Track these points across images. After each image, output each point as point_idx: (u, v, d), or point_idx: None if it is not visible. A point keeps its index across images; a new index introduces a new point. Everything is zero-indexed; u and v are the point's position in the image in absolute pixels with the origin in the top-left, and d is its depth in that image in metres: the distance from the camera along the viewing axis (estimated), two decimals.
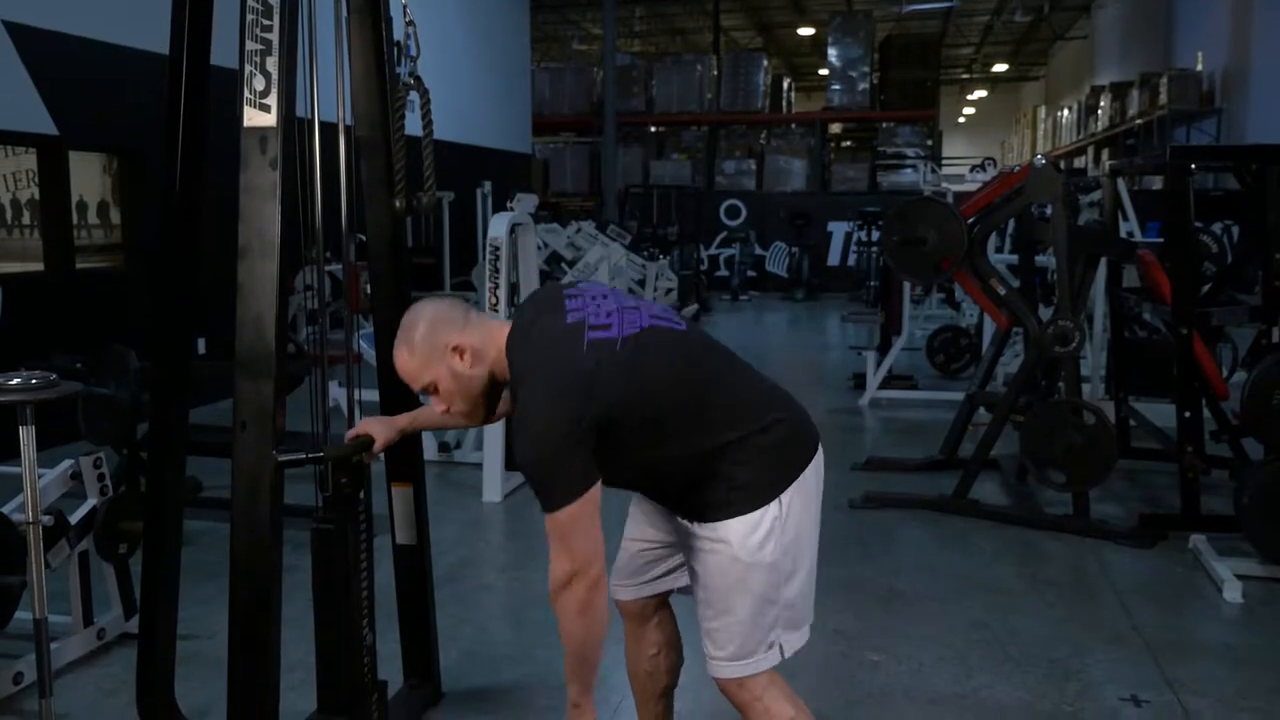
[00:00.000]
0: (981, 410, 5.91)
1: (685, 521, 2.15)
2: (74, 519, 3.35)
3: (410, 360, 2.15)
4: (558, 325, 2.06)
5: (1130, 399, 5.72)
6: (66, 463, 3.45)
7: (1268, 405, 4.13)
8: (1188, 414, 4.60)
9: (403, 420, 2.53)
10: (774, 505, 2.07)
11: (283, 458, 2.32)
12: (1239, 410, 4.45)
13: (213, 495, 4.78)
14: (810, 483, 2.15)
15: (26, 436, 2.17)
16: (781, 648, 2.15)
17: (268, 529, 2.32)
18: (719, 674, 2.15)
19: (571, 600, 2.01)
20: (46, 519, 3.17)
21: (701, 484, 2.08)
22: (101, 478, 3.46)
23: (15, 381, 2.14)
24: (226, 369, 2.36)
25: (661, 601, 2.44)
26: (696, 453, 2.07)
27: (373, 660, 2.61)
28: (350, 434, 2.49)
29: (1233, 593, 3.95)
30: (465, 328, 2.13)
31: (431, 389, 2.17)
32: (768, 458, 2.08)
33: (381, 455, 2.55)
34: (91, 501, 3.42)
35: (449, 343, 2.12)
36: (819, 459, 2.18)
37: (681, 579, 2.35)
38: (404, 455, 2.92)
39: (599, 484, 1.98)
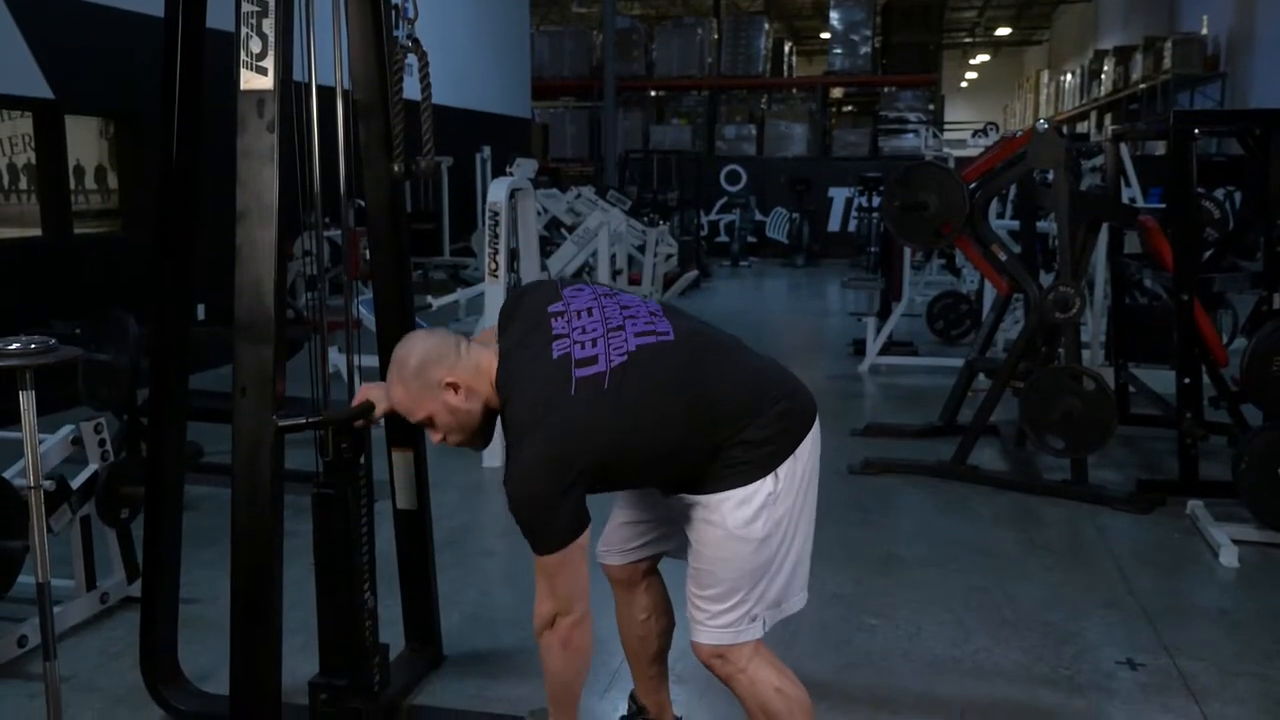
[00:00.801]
0: (981, 376, 5.91)
1: (679, 494, 2.16)
2: (75, 484, 3.36)
3: (405, 396, 2.16)
4: (544, 364, 2.04)
5: (1130, 365, 5.72)
6: (67, 428, 3.46)
7: (1267, 372, 4.14)
8: (1187, 380, 4.61)
9: None
10: (769, 480, 2.07)
11: (283, 422, 2.33)
12: (1238, 377, 4.46)
13: (214, 460, 4.79)
14: (806, 456, 2.14)
15: (27, 401, 2.17)
16: (765, 621, 2.16)
17: (268, 494, 2.32)
18: (701, 639, 2.16)
19: (554, 638, 2.07)
20: (48, 484, 3.19)
21: (697, 468, 2.09)
22: (102, 443, 3.47)
23: (15, 346, 2.13)
24: (226, 334, 2.36)
25: (650, 567, 2.46)
26: (694, 459, 2.08)
27: (374, 624, 2.63)
28: (354, 402, 2.48)
29: (1229, 558, 3.97)
30: (458, 363, 2.12)
31: (428, 422, 2.18)
32: (764, 437, 2.07)
33: (382, 421, 2.55)
34: (93, 466, 3.43)
35: (442, 379, 2.11)
36: (815, 431, 2.18)
37: (667, 544, 2.37)
38: (405, 421, 2.91)
39: (588, 529, 2.01)
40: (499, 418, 2.14)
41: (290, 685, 2.56)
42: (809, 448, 2.15)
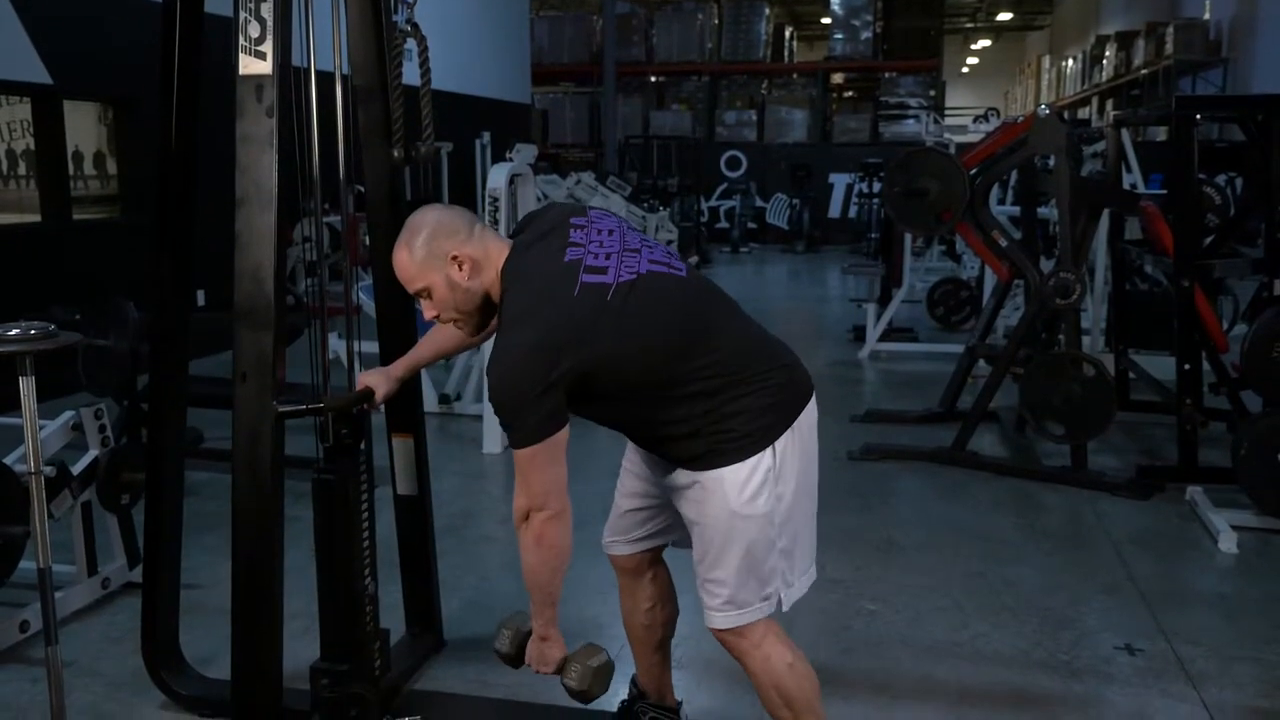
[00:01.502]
0: (981, 362, 5.92)
1: (678, 469, 2.14)
2: (76, 470, 3.37)
3: (409, 262, 2.12)
4: (554, 263, 2.03)
5: (1130, 351, 5.72)
6: (68, 414, 3.46)
7: (1267, 358, 4.13)
8: (1187, 366, 4.61)
9: (399, 369, 2.53)
10: (767, 454, 2.07)
11: (283, 409, 2.33)
12: (1238, 363, 4.46)
13: (214, 446, 4.80)
14: (805, 430, 2.14)
15: (27, 387, 2.16)
16: (781, 599, 2.15)
17: (269, 479, 2.33)
18: (715, 624, 2.16)
19: (528, 534, 2.06)
20: (49, 470, 3.19)
21: (693, 435, 2.07)
22: (103, 429, 3.47)
23: (14, 332, 2.13)
24: (226, 320, 2.36)
25: (655, 556, 2.45)
26: (688, 407, 2.06)
27: (375, 609, 2.63)
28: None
29: (1228, 543, 3.98)
30: (469, 240, 2.10)
31: (424, 294, 2.15)
32: (761, 407, 2.07)
33: (382, 407, 2.56)
34: (93, 452, 3.44)
35: (450, 251, 2.08)
36: (812, 407, 2.17)
37: (674, 534, 2.36)
38: (404, 406, 2.92)
39: (566, 428, 1.99)
40: (498, 310, 2.12)
41: (291, 670, 2.56)
42: (806, 422, 2.15)
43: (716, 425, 2.06)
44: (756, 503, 2.06)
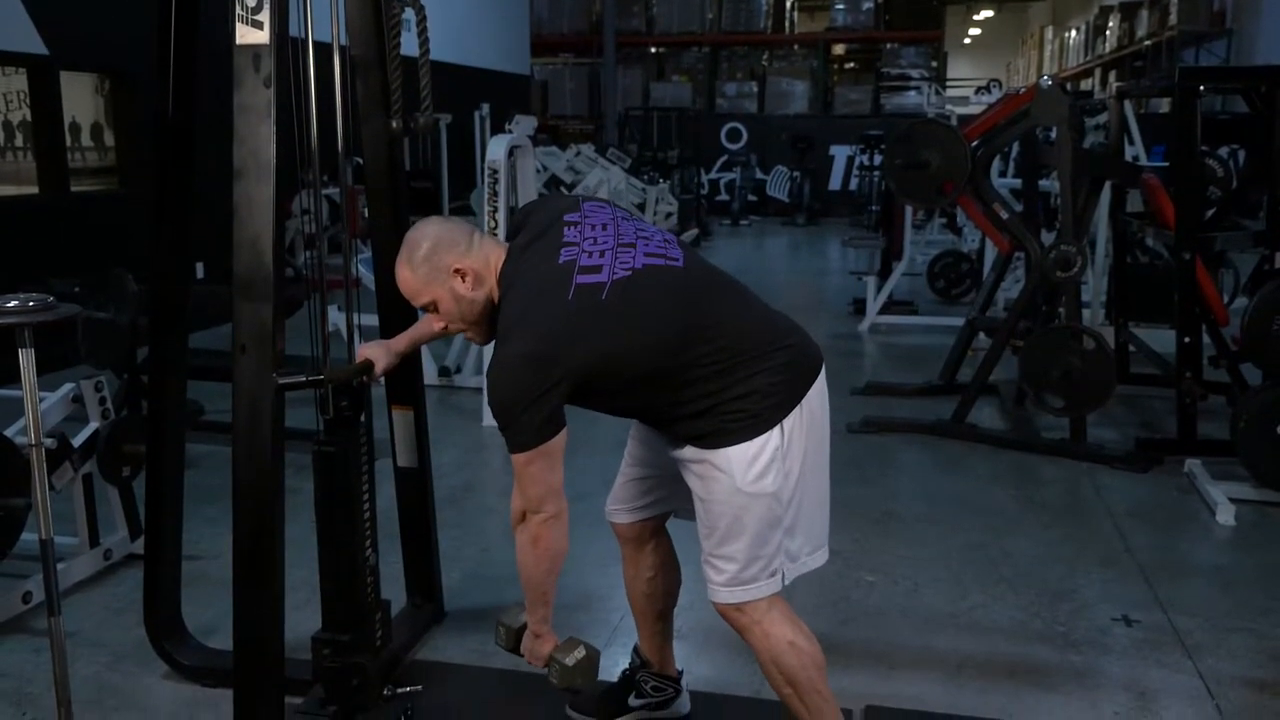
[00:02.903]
0: (981, 335, 5.91)
1: (686, 447, 2.14)
2: (77, 442, 3.37)
3: (412, 279, 2.13)
4: (548, 266, 2.03)
5: (1130, 325, 5.71)
6: (68, 386, 3.46)
7: (1267, 331, 4.13)
8: (1187, 340, 4.60)
9: (401, 343, 2.52)
10: (775, 433, 2.06)
11: (283, 381, 2.32)
12: (1239, 336, 4.45)
13: (214, 419, 4.80)
14: (814, 407, 2.13)
15: (26, 359, 2.16)
16: (784, 574, 2.16)
17: (269, 451, 2.33)
18: (719, 599, 2.17)
19: (524, 535, 2.09)
20: (49, 442, 3.19)
21: (700, 414, 2.07)
22: (103, 401, 3.48)
23: (14, 304, 2.12)
24: (225, 292, 2.35)
25: (658, 525, 2.46)
26: (693, 390, 2.06)
27: (376, 580, 2.64)
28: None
29: (1226, 516, 3.99)
30: (469, 251, 2.11)
31: (431, 307, 2.17)
32: (769, 387, 2.06)
33: (382, 379, 2.56)
34: (94, 424, 3.44)
35: (451, 265, 2.09)
36: (821, 382, 2.17)
37: (677, 504, 2.37)
38: (404, 379, 2.92)
39: (562, 434, 2.00)
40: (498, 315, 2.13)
41: (293, 640, 2.58)
42: (816, 399, 2.14)
43: (724, 406, 2.05)
44: (764, 481, 2.06)
